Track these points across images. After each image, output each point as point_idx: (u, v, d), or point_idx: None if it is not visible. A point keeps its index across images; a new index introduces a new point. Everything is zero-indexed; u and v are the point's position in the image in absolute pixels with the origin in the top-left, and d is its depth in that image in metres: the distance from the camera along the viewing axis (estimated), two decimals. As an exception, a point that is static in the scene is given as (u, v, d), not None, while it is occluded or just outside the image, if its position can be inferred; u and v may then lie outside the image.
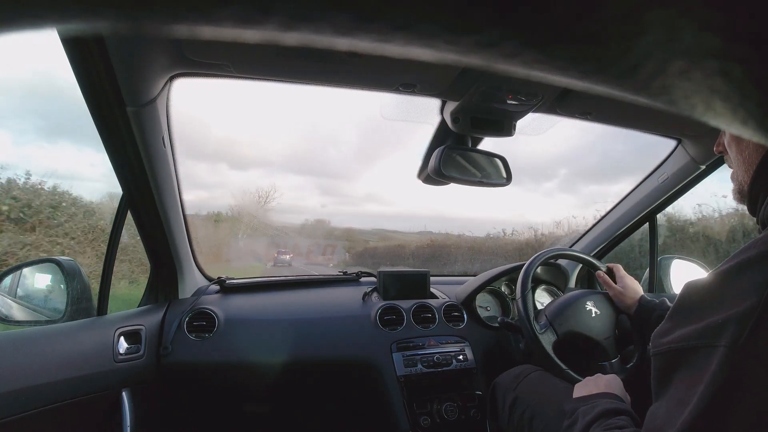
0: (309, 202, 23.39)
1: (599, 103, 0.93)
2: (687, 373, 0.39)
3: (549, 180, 16.94)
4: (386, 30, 0.11)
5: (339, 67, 0.76)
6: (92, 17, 0.11)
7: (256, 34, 0.11)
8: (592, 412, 0.64)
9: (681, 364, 0.40)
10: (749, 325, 0.35)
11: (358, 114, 36.04)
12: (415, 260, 7.65)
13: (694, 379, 0.38)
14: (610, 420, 0.59)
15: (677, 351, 0.40)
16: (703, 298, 0.40)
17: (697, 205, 3.40)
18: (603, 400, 0.67)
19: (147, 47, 0.67)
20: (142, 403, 0.97)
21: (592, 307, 1.01)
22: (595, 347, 0.97)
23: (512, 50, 0.12)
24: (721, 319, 0.37)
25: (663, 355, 0.42)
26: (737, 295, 0.36)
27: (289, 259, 8.74)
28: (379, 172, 32.04)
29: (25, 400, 0.77)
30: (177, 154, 0.97)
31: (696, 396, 0.37)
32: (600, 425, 0.58)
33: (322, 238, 10.81)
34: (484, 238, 7.28)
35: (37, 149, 7.53)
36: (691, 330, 0.39)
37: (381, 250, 9.58)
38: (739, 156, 0.49)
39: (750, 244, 0.40)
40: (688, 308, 0.41)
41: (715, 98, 0.13)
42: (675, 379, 0.41)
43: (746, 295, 0.36)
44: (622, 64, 0.12)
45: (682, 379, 0.40)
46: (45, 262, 1.04)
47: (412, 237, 9.23)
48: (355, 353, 1.15)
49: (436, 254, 7.38)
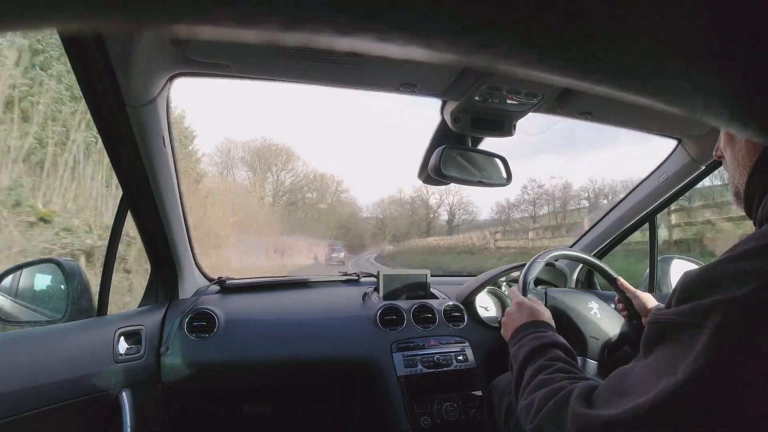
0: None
1: (599, 103, 0.93)
2: (669, 347, 0.40)
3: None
4: (386, 30, 0.11)
5: (339, 67, 0.76)
6: (92, 17, 0.11)
7: (256, 34, 0.11)
8: (521, 353, 0.64)
9: (666, 337, 0.41)
10: (739, 311, 0.35)
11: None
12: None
13: (676, 354, 0.39)
14: (543, 361, 0.60)
15: (666, 323, 0.41)
16: (698, 283, 0.40)
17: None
18: (530, 333, 0.67)
19: (147, 47, 0.67)
20: (142, 403, 0.97)
21: (596, 307, 1.01)
22: (579, 339, 0.96)
23: (512, 50, 0.12)
24: (712, 301, 0.37)
25: (653, 324, 0.43)
26: (731, 281, 0.37)
27: (342, 257, 8.53)
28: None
29: (25, 400, 0.77)
30: (177, 154, 0.97)
31: (676, 372, 0.37)
32: (534, 369, 0.59)
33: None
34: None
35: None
36: (683, 308, 0.40)
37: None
38: (734, 159, 0.50)
39: (748, 237, 0.40)
40: (684, 291, 0.41)
41: (715, 98, 0.13)
42: (657, 350, 0.42)
43: (740, 281, 0.36)
44: (622, 64, 0.12)
45: (664, 352, 0.41)
46: (45, 262, 1.04)
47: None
48: (355, 353, 1.15)
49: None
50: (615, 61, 0.12)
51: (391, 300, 1.30)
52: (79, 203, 4.72)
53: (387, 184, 24.24)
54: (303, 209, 25.97)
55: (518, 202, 23.98)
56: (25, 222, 3.94)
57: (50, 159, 4.62)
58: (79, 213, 4.56)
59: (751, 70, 0.12)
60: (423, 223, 27.44)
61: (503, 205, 24.38)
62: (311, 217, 25.61)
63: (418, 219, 27.89)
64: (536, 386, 0.56)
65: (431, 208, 27.50)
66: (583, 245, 1.49)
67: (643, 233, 1.42)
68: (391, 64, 0.75)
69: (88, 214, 4.61)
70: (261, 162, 24.58)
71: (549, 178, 37.38)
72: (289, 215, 24.40)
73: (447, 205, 27.11)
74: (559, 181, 26.01)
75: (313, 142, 40.48)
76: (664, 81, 0.12)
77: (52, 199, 4.49)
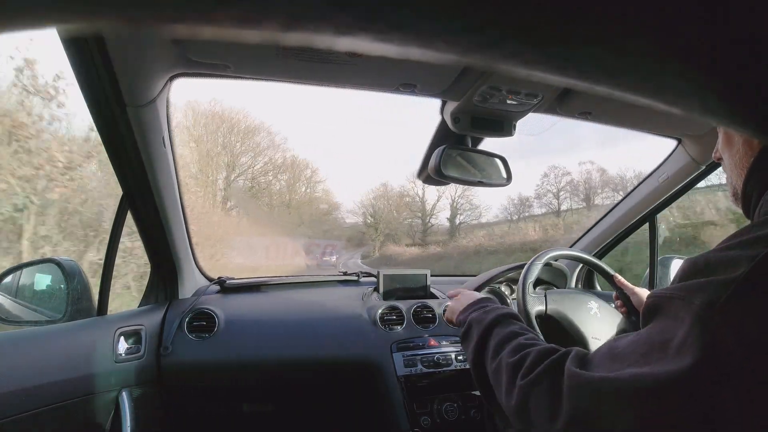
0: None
1: (599, 103, 0.93)
2: (661, 318, 0.41)
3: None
4: (386, 30, 0.11)
5: (339, 67, 0.76)
6: (92, 17, 0.11)
7: (256, 34, 0.11)
8: (486, 317, 0.63)
9: (659, 310, 0.42)
10: (728, 291, 0.36)
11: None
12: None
13: (667, 326, 0.40)
14: (510, 328, 0.59)
15: (660, 297, 0.42)
16: (694, 267, 0.42)
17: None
18: (482, 308, 0.66)
19: (147, 47, 0.67)
20: (142, 403, 0.97)
21: (595, 306, 1.01)
22: (580, 341, 0.97)
23: (512, 50, 0.12)
24: (702, 281, 0.38)
25: (650, 299, 0.44)
26: (723, 266, 0.38)
27: (334, 261, 8.26)
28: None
29: (25, 400, 0.77)
30: (177, 153, 0.97)
31: (667, 348, 0.38)
32: (502, 336, 0.58)
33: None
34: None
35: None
36: (678, 285, 0.41)
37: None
38: (732, 160, 0.51)
39: (743, 229, 0.41)
40: (682, 275, 0.43)
41: (715, 98, 0.13)
42: (651, 320, 0.43)
43: (732, 266, 0.37)
44: (622, 64, 0.12)
45: (657, 323, 0.42)
46: (45, 262, 1.04)
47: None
48: (355, 353, 1.15)
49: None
50: (615, 61, 0.12)
51: (391, 300, 1.30)
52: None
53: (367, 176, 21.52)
54: (268, 196, 19.88)
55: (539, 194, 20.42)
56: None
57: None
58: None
59: (751, 70, 0.12)
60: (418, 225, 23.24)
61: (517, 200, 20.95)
62: (278, 206, 19.88)
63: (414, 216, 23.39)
64: (514, 350, 0.55)
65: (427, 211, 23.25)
66: (583, 245, 1.49)
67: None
68: (391, 64, 0.75)
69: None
70: (208, 132, 17.57)
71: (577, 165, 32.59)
72: (248, 203, 18.36)
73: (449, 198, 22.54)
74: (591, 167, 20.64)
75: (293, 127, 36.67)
76: (664, 81, 0.12)
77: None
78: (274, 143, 20.20)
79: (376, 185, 23.85)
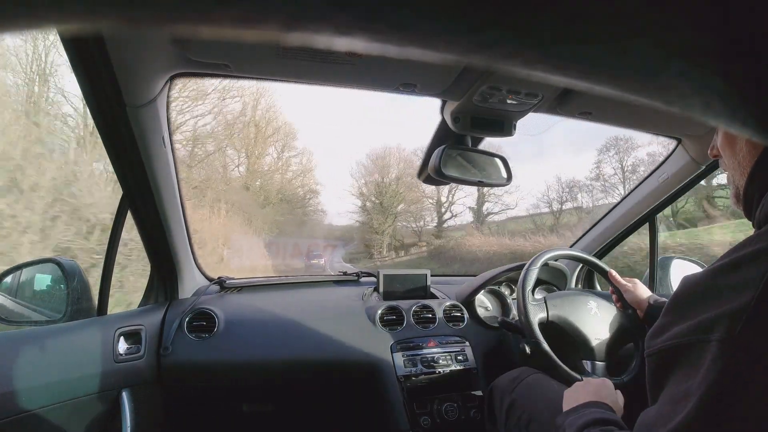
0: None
1: (599, 103, 0.93)
2: (680, 371, 0.39)
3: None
4: (386, 30, 0.11)
5: (339, 67, 0.76)
6: (92, 17, 0.11)
7: (256, 34, 0.11)
8: (578, 422, 0.63)
9: (674, 362, 0.40)
10: (742, 320, 0.35)
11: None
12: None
13: (688, 375, 0.38)
14: (596, 430, 0.59)
15: (670, 349, 0.40)
16: (696, 295, 0.40)
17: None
18: (590, 410, 0.65)
19: (147, 47, 0.67)
20: (142, 403, 0.97)
21: (594, 306, 1.01)
22: (583, 343, 0.97)
23: (512, 50, 0.12)
24: (714, 314, 0.37)
25: (656, 354, 0.42)
26: (731, 291, 0.37)
27: (323, 263, 8.17)
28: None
29: (25, 400, 0.77)
30: (177, 153, 0.97)
31: (690, 394, 0.37)
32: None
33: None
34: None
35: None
36: (684, 327, 0.39)
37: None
38: (734, 159, 0.49)
39: (745, 241, 0.40)
40: (682, 305, 0.41)
41: (715, 98, 0.13)
42: (668, 378, 0.41)
43: (740, 290, 0.36)
44: (621, 64, 0.12)
45: (676, 378, 0.40)
46: (45, 262, 1.04)
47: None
48: (355, 353, 1.15)
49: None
50: (615, 61, 0.12)
51: (391, 300, 1.30)
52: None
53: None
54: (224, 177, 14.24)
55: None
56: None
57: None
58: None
59: (751, 70, 0.12)
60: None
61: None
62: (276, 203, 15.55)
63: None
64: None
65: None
66: (583, 245, 1.49)
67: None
68: (391, 64, 0.75)
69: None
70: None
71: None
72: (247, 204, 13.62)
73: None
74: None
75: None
76: (664, 81, 0.12)
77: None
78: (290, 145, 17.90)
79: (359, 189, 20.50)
